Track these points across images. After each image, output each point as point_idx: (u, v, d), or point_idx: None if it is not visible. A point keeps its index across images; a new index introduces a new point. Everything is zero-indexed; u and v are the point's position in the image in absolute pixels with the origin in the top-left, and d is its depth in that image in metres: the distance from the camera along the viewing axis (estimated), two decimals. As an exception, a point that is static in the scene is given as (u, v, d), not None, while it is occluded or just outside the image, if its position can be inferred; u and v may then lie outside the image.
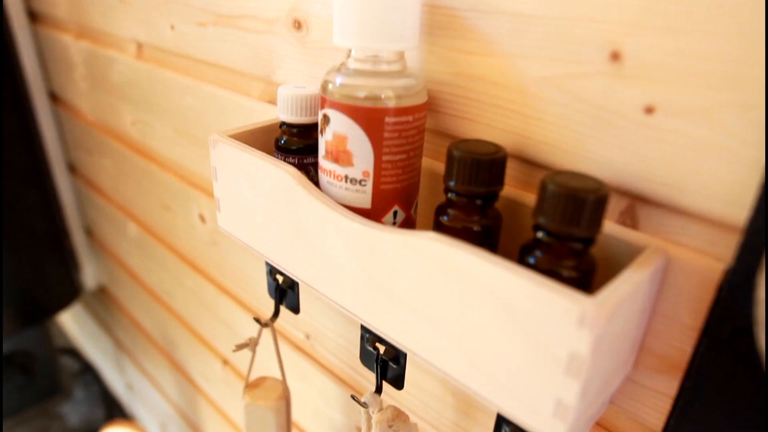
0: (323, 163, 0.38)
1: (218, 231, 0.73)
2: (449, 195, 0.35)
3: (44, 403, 1.66)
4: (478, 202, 0.34)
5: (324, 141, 0.37)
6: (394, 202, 0.38)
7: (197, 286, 0.85)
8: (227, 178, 0.45)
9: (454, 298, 0.31)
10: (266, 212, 0.42)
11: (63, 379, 1.31)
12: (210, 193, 0.72)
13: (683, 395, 0.33)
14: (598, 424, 0.39)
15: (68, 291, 1.22)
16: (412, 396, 0.54)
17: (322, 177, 0.39)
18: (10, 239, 1.09)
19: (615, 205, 0.33)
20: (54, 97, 1.11)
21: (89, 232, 1.25)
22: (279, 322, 0.69)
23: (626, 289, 0.27)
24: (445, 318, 0.32)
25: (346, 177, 0.37)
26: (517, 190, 0.37)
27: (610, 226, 0.33)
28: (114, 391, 1.66)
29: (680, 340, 0.32)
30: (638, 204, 0.32)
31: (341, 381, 0.63)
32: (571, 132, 0.34)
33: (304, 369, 0.68)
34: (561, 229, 0.29)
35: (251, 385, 0.59)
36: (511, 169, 0.38)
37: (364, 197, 0.37)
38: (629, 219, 0.33)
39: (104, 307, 1.38)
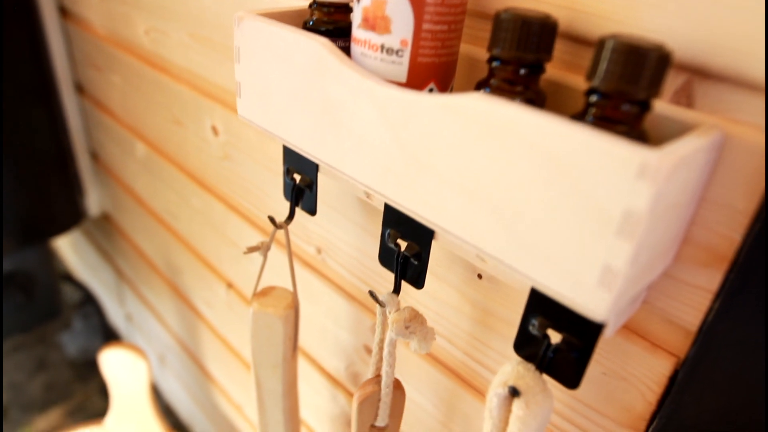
0: (357, 33, 0.36)
1: (231, 144, 0.71)
2: (492, 65, 0.32)
3: (43, 326, 1.66)
4: (523, 71, 0.32)
5: (361, 7, 0.35)
6: (430, 78, 0.36)
7: (205, 206, 0.84)
8: (251, 59, 0.42)
9: (498, 161, 0.29)
10: (292, 91, 0.40)
11: (63, 305, 1.30)
12: (225, 103, 0.70)
13: (726, 289, 0.32)
14: (627, 327, 0.38)
15: (71, 215, 1.20)
16: (426, 308, 0.52)
17: (356, 49, 0.37)
18: (14, 158, 1.07)
19: (670, 83, 0.31)
20: (63, 12, 1.08)
21: (94, 156, 1.23)
22: (290, 237, 0.67)
23: (686, 149, 0.25)
24: (484, 186, 0.30)
25: (382, 46, 0.35)
26: (563, 72, 0.35)
27: (663, 107, 0.31)
28: (113, 323, 1.66)
29: (729, 227, 0.31)
30: (696, 79, 0.30)
31: (351, 298, 0.62)
32: (628, 0, 0.31)
33: (312, 287, 0.67)
34: (618, 87, 0.27)
35: (260, 294, 0.58)
36: (558, 51, 0.36)
37: (399, 69, 0.35)
38: (685, 97, 0.31)
39: (106, 235, 1.37)
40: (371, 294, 0.43)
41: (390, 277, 0.55)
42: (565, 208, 0.27)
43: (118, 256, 1.36)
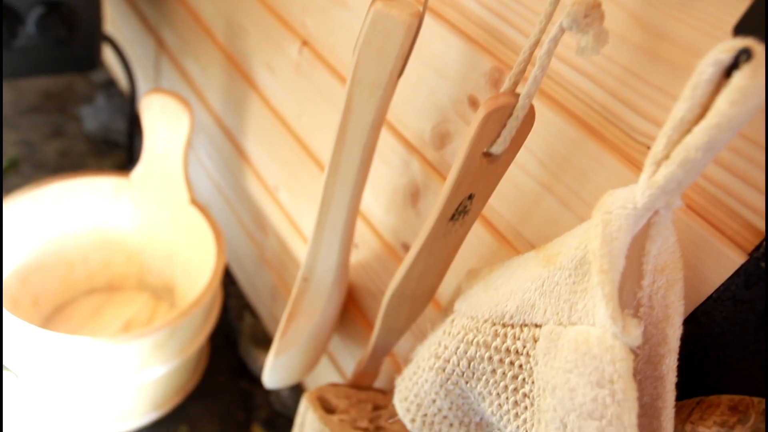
0: None
1: None
2: None
3: (77, 73, 1.61)
4: None
5: None
6: None
7: (302, -57, 0.76)
8: None
9: None
10: None
11: (100, 57, 1.23)
12: None
13: None
14: None
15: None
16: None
17: None
18: None
19: None
20: None
21: None
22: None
23: None
24: None
25: None
26: None
27: None
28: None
29: None
30: None
31: (470, 40, 0.56)
32: None
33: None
34: None
35: (381, -1, 0.52)
36: None
37: None
38: None
39: (155, 3, 1.29)
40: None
41: (534, 4, 0.49)
42: None
43: (164, 26, 1.28)
